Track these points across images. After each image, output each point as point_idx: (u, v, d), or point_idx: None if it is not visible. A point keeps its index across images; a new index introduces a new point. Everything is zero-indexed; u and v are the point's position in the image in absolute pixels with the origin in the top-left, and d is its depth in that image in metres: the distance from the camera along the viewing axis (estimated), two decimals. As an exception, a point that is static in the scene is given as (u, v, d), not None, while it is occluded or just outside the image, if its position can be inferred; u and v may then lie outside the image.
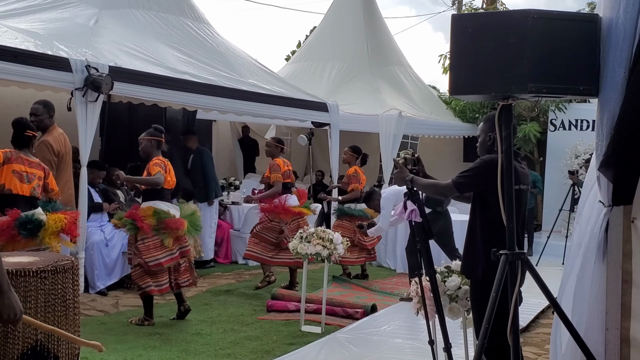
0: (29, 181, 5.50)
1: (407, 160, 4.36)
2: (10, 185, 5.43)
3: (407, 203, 4.32)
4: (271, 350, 5.88)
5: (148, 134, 6.78)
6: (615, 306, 3.20)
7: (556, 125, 13.99)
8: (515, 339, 3.29)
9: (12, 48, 6.64)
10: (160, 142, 6.79)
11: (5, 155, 5.44)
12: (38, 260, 3.70)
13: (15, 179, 5.44)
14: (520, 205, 4.00)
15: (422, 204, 4.37)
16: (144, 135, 6.78)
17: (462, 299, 4.44)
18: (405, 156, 4.38)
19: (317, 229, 6.72)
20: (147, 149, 6.74)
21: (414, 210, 4.28)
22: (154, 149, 6.74)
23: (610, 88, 3.15)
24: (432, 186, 4.24)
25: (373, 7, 15.59)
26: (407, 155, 4.39)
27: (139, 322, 6.59)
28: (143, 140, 6.76)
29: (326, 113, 11.00)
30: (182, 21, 9.95)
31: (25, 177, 5.49)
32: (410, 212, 4.29)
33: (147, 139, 6.74)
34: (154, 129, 6.85)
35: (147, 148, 6.73)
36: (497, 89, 3.18)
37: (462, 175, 4.07)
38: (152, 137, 6.74)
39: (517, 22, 3.09)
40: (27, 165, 5.54)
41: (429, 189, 4.28)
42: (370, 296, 8.24)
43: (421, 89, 15.62)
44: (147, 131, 6.85)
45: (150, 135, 6.75)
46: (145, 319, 6.61)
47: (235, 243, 10.41)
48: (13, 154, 5.49)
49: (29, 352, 3.46)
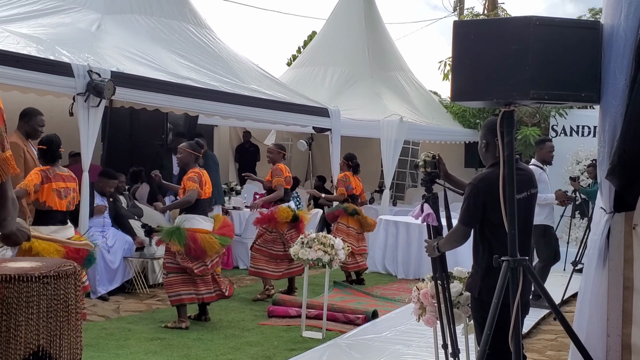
0: (65, 197, 5.78)
1: (427, 162, 4.36)
2: (51, 203, 5.70)
3: (424, 206, 4.33)
4: (272, 355, 5.88)
5: (190, 147, 7.01)
6: (616, 312, 3.21)
7: (557, 131, 13.96)
8: (516, 346, 3.29)
9: (14, 53, 6.66)
10: (198, 157, 7.04)
11: (44, 174, 5.68)
12: (40, 266, 3.69)
13: (55, 196, 5.71)
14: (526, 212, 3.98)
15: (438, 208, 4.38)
16: (185, 147, 6.99)
17: (463, 305, 4.43)
18: (425, 159, 4.38)
19: (318, 234, 6.72)
20: (186, 160, 6.99)
21: (430, 214, 4.28)
22: (192, 162, 6.97)
23: (611, 94, 3.16)
24: (451, 240, 4.14)
25: (374, 12, 15.61)
26: (427, 157, 4.38)
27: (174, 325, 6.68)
28: (184, 151, 6.98)
29: (327, 118, 11.02)
30: (184, 26, 9.97)
31: (63, 192, 5.76)
32: (427, 215, 4.30)
33: (187, 152, 6.97)
34: (197, 143, 7.17)
35: (186, 160, 6.98)
36: (499, 95, 3.19)
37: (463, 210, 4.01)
38: (192, 152, 6.97)
39: (519, 29, 3.10)
40: (63, 180, 5.80)
41: (451, 244, 4.19)
42: (371, 302, 8.22)
43: (422, 94, 15.64)
44: (189, 143, 7.10)
45: (192, 150, 6.99)
46: (181, 320, 6.71)
47: (236, 249, 10.40)
48: (50, 173, 5.71)
49: (31, 357, 3.45)
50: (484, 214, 3.86)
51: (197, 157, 7.02)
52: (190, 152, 6.96)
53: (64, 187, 5.77)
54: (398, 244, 10.25)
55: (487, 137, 3.94)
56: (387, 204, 12.61)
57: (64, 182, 5.79)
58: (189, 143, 7.11)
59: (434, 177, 4.38)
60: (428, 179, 4.40)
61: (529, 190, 4.04)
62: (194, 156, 6.97)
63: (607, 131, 3.21)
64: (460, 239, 4.03)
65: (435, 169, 4.36)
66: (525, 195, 3.97)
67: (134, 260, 8.24)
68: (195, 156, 6.98)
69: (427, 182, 4.41)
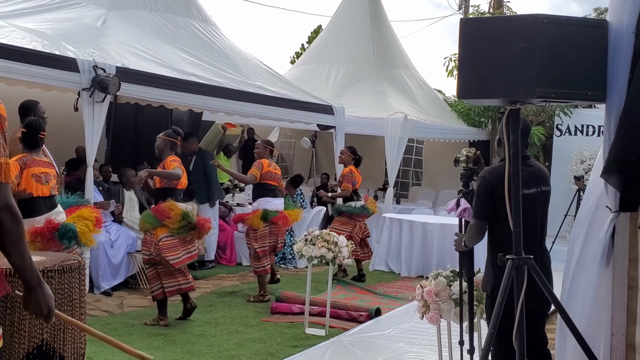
0: (46, 182, 5.53)
1: (469, 158, 4.38)
2: (31, 189, 5.44)
3: (460, 200, 4.33)
4: (275, 352, 5.88)
5: (165, 134, 6.91)
6: (620, 312, 3.20)
7: (562, 130, 13.96)
8: (520, 344, 3.28)
9: (19, 48, 6.67)
10: (174, 143, 6.90)
11: (22, 161, 5.44)
12: (45, 260, 3.70)
13: (34, 182, 5.46)
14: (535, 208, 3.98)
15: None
16: (161, 135, 6.90)
17: (467, 303, 4.43)
18: (468, 154, 4.39)
19: (321, 231, 6.71)
20: (161, 147, 6.84)
21: (467, 209, 4.30)
22: (167, 149, 6.82)
23: (616, 93, 3.15)
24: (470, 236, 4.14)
25: (379, 10, 15.59)
26: (470, 153, 4.40)
27: (153, 322, 6.62)
28: (159, 138, 6.89)
29: (332, 116, 11.01)
30: (189, 23, 9.97)
31: (44, 178, 5.51)
32: (463, 210, 4.32)
33: (162, 138, 6.85)
34: (173, 130, 7.00)
35: (161, 147, 6.84)
36: (505, 93, 3.18)
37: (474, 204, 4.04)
38: (167, 138, 6.85)
39: (525, 27, 3.09)
40: (42, 166, 5.55)
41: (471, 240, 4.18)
42: (374, 299, 8.22)
43: (427, 92, 15.62)
44: (165, 131, 6.98)
45: (167, 136, 6.87)
46: (160, 318, 6.64)
47: (239, 245, 10.40)
48: (28, 158, 5.47)
49: (35, 351, 3.46)
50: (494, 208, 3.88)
51: (174, 144, 6.88)
52: (164, 139, 6.84)
53: (43, 172, 5.51)
54: (401, 242, 10.24)
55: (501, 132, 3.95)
56: (390, 202, 12.60)
57: (43, 168, 5.53)
58: (165, 131, 6.99)
59: (473, 174, 4.39)
60: (467, 174, 4.42)
61: (539, 187, 4.04)
62: (169, 142, 6.83)
63: (613, 130, 3.20)
64: (477, 234, 4.05)
65: (475, 166, 4.39)
66: (535, 191, 3.98)
67: (137, 255, 8.24)
68: (170, 142, 6.84)
69: (466, 177, 4.44)
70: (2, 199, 2.40)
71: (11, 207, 2.43)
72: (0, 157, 2.40)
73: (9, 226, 2.41)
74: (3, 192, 2.41)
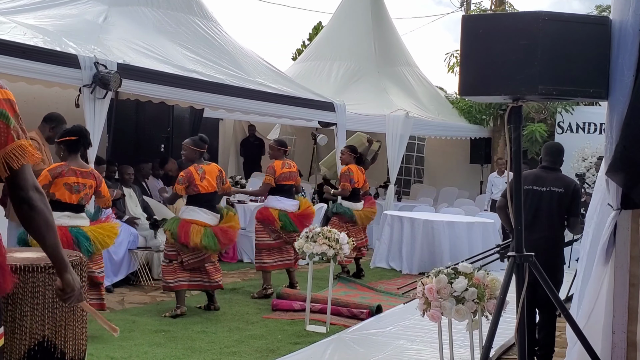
0: (77, 191, 5.78)
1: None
2: (60, 196, 5.71)
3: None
4: (276, 349, 5.88)
5: (194, 144, 7.01)
6: (622, 310, 3.20)
7: (563, 127, 13.94)
8: (521, 339, 3.29)
9: (20, 44, 6.65)
10: (203, 153, 7.06)
11: (56, 171, 5.71)
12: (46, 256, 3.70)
13: (65, 190, 5.72)
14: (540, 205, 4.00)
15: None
16: (189, 144, 7.01)
17: (468, 300, 4.42)
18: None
19: (322, 228, 6.71)
20: (191, 157, 7.01)
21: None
22: (197, 159, 7.01)
23: (619, 91, 3.15)
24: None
25: (381, 6, 15.57)
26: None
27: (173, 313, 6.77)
28: (188, 149, 7.01)
29: (333, 113, 11.01)
30: (191, 19, 9.96)
31: (75, 187, 5.76)
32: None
33: (192, 149, 6.99)
34: (200, 139, 7.09)
35: (191, 156, 7.01)
36: (507, 90, 3.17)
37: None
38: (197, 149, 6.99)
39: (528, 24, 3.09)
40: (78, 176, 5.79)
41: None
42: (375, 297, 8.22)
43: (428, 89, 15.61)
44: (193, 140, 7.08)
45: (197, 147, 6.99)
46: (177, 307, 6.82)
47: (241, 242, 10.39)
48: (64, 168, 5.73)
49: (36, 347, 3.46)
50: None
51: (202, 153, 7.04)
52: (194, 150, 6.98)
53: (76, 182, 5.76)
54: (402, 239, 10.24)
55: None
56: (391, 199, 12.60)
57: (76, 177, 5.77)
58: (192, 139, 7.09)
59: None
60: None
61: (550, 187, 4.05)
62: (198, 152, 6.99)
63: (615, 128, 3.20)
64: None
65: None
66: (545, 189, 3.99)
67: (138, 252, 8.25)
68: (199, 152, 7.00)
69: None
70: (30, 179, 2.44)
71: (38, 187, 2.48)
72: (21, 139, 2.43)
73: (39, 205, 2.44)
74: (29, 173, 2.45)
